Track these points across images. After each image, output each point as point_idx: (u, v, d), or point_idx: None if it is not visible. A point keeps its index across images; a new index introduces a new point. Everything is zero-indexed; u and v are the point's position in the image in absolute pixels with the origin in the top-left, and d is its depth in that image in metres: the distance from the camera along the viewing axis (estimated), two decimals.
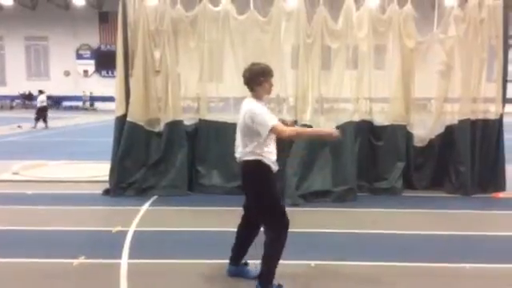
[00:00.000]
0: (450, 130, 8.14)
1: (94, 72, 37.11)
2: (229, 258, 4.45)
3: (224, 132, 7.87)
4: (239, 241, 4.39)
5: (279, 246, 3.97)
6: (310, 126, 7.61)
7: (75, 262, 4.77)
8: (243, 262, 4.44)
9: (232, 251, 4.43)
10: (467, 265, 4.79)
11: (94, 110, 35.37)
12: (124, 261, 4.85)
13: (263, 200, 4.02)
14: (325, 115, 8.07)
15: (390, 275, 4.61)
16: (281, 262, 4.42)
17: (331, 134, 4.22)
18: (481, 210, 7.22)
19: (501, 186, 7.95)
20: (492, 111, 8.01)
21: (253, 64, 4.16)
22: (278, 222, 3.99)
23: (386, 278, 4.52)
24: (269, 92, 4.21)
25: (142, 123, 7.86)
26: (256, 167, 4.00)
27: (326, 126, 7.87)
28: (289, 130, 4.04)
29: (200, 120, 8.08)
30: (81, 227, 6.07)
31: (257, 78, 4.04)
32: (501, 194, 7.93)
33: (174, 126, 7.90)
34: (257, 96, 4.08)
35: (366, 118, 8.06)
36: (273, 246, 3.97)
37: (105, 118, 25.37)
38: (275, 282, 4.02)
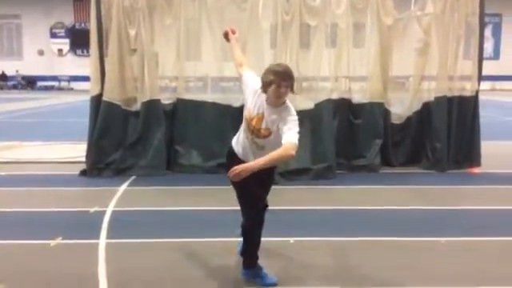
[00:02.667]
0: (426, 107, 8.22)
1: (69, 51, 36.35)
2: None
3: (202, 111, 7.83)
4: None
5: (249, 232, 3.88)
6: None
7: (52, 242, 4.71)
8: None
9: None
10: (442, 238, 4.88)
11: (71, 89, 34.75)
12: (102, 241, 4.81)
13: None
14: (303, 94, 8.06)
15: (366, 249, 4.67)
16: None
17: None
18: (456, 185, 7.36)
19: (476, 162, 8.10)
20: (468, 88, 8.11)
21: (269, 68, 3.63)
22: (250, 208, 3.85)
23: (363, 252, 4.58)
24: (278, 99, 3.61)
25: (118, 102, 7.73)
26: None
27: (305, 104, 7.89)
28: None
29: (178, 99, 7.99)
30: (58, 208, 5.98)
31: (267, 84, 3.61)
32: (476, 170, 8.09)
33: (152, 105, 7.80)
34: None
35: (345, 96, 8.08)
36: (244, 231, 3.92)
37: (81, 98, 24.97)
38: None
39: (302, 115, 7.57)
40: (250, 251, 3.94)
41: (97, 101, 7.68)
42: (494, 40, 36.32)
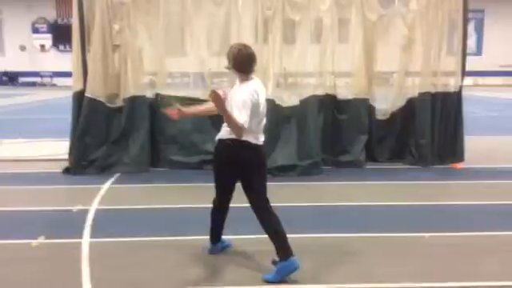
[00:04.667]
0: (410, 103, 8.26)
1: (52, 46, 35.84)
2: (210, 238, 4.34)
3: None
4: (217, 225, 4.27)
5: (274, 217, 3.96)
6: (273, 101, 7.52)
7: (34, 242, 4.63)
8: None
9: (212, 235, 4.31)
10: (426, 234, 4.90)
11: (53, 85, 34.30)
12: (85, 240, 4.74)
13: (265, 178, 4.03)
14: (288, 90, 8.05)
15: (353, 246, 4.67)
16: (251, 236, 4.45)
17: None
18: (440, 181, 7.42)
19: (459, 157, 8.17)
20: (452, 84, 8.16)
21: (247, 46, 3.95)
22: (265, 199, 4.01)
23: (349, 249, 4.58)
24: None
25: (101, 99, 7.63)
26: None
27: (290, 100, 7.87)
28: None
29: (159, 95, 7.91)
30: (40, 207, 5.89)
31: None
32: (459, 165, 8.15)
33: (135, 101, 7.72)
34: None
35: (330, 92, 8.07)
36: (270, 221, 3.94)
37: (64, 94, 24.64)
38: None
39: (288, 111, 7.72)
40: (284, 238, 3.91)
41: (79, 97, 7.58)
42: (477, 36, 36.66)
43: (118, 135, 7.68)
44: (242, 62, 3.85)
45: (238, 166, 3.88)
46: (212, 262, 4.23)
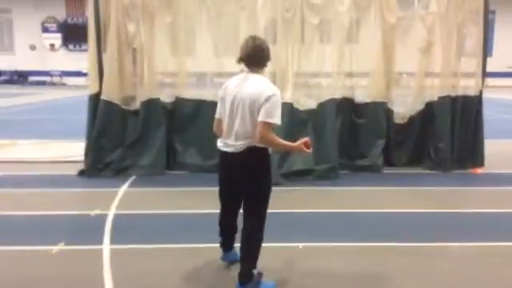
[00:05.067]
0: (429, 106, 8.13)
1: (61, 46, 35.89)
2: (222, 246, 4.21)
3: (202, 110, 7.68)
4: (227, 232, 4.13)
5: (260, 242, 3.75)
6: (291, 104, 7.47)
7: (55, 248, 4.57)
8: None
9: (223, 242, 4.18)
10: (455, 244, 4.79)
11: (63, 84, 34.38)
12: (106, 246, 4.67)
13: (261, 195, 3.72)
14: (306, 92, 7.95)
15: (377, 255, 4.57)
16: (267, 245, 4.33)
17: (302, 150, 3.61)
18: (461, 187, 7.28)
19: (479, 162, 8.03)
20: (472, 87, 8.03)
21: (261, 39, 3.69)
22: (263, 216, 3.76)
23: (374, 259, 4.48)
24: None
25: (117, 101, 7.57)
26: (265, 156, 3.64)
27: (307, 103, 7.78)
28: (273, 139, 3.48)
29: (177, 98, 7.85)
30: (58, 211, 5.83)
31: (268, 57, 3.66)
32: (479, 170, 8.02)
33: (151, 104, 7.65)
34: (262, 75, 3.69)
35: (348, 95, 7.97)
36: (254, 242, 3.72)
37: (74, 93, 24.68)
38: (255, 271, 3.76)
39: (305, 115, 7.63)
40: (256, 261, 3.74)
41: (95, 99, 7.52)
42: (488, 37, 36.39)
43: (134, 138, 7.62)
44: None
45: None
46: (231, 271, 4.14)
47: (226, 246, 4.19)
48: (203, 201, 6.10)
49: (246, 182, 3.67)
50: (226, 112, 3.65)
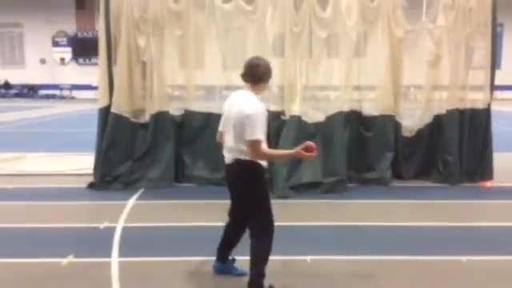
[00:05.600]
0: (438, 119, 8.12)
1: (71, 60, 36.29)
2: (216, 254, 4.30)
3: (210, 123, 7.70)
4: (226, 239, 4.23)
5: (267, 251, 3.81)
6: (299, 117, 7.52)
7: (64, 261, 4.59)
8: (231, 258, 4.30)
9: (219, 249, 4.28)
10: (463, 257, 4.75)
11: (72, 98, 34.69)
12: (114, 259, 4.69)
13: (256, 201, 3.81)
14: (313, 106, 7.98)
15: (379, 270, 4.52)
16: (276, 258, 4.33)
17: (304, 155, 3.67)
18: (470, 200, 7.25)
19: (488, 175, 7.98)
20: (480, 100, 8.01)
21: (260, 59, 3.90)
22: (266, 227, 3.82)
23: (383, 272, 4.44)
24: (265, 90, 4.05)
25: (126, 114, 7.64)
26: (251, 168, 3.75)
27: (315, 116, 7.80)
28: (264, 152, 3.68)
29: (186, 111, 7.91)
30: (67, 224, 5.87)
31: (266, 75, 3.82)
32: (488, 183, 7.97)
33: (160, 117, 7.71)
34: (256, 92, 3.82)
35: (356, 108, 7.99)
36: (259, 251, 3.80)
37: (83, 106, 24.88)
38: (266, 283, 3.83)
39: (313, 128, 7.64)
40: (261, 269, 3.80)
41: (105, 113, 7.59)
42: (496, 49, 36.29)
43: (143, 151, 7.67)
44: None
45: None
46: (240, 281, 4.13)
47: (219, 253, 4.27)
48: (211, 213, 6.10)
49: (237, 191, 3.92)
50: (224, 126, 3.92)
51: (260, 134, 3.61)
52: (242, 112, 3.65)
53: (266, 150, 3.75)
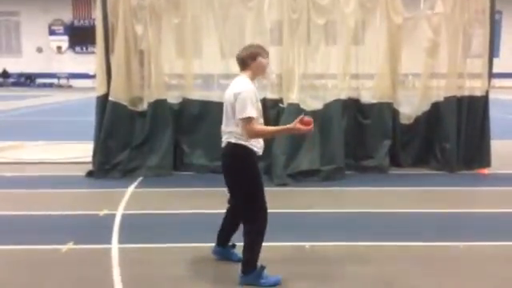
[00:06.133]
0: (435, 107, 8.14)
1: (68, 48, 36.15)
2: (216, 239, 4.35)
3: (208, 111, 7.73)
4: (225, 224, 4.28)
5: (259, 236, 3.82)
6: (297, 105, 7.53)
7: (64, 248, 4.62)
8: (230, 243, 4.34)
9: (218, 234, 4.33)
10: (460, 243, 4.79)
11: (69, 86, 34.61)
12: (114, 246, 4.72)
13: (246, 188, 3.81)
14: (311, 93, 7.98)
15: (383, 255, 4.57)
16: (274, 244, 4.38)
17: (299, 129, 3.66)
18: (468, 187, 7.29)
19: (486, 163, 8.02)
20: (478, 87, 8.02)
21: (249, 45, 3.99)
22: (257, 212, 3.80)
23: (380, 258, 4.48)
24: (263, 71, 3.99)
25: (124, 102, 7.64)
26: (241, 151, 3.76)
27: (313, 104, 7.81)
28: (257, 130, 3.69)
29: (184, 99, 7.91)
30: (66, 211, 5.89)
31: (249, 58, 3.82)
32: (486, 171, 8.01)
33: (158, 105, 7.71)
34: (250, 75, 3.84)
35: (353, 95, 8.00)
36: (252, 236, 3.82)
37: (80, 95, 24.83)
38: (258, 263, 3.88)
39: (311, 115, 7.63)
40: (255, 254, 3.84)
41: (103, 101, 7.59)
42: (494, 37, 36.22)
43: (141, 139, 7.68)
44: None
45: None
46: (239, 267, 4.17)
47: (218, 238, 4.32)
48: (210, 201, 6.15)
49: (228, 174, 3.90)
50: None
51: (251, 111, 3.61)
52: (232, 93, 3.71)
53: (261, 127, 3.79)
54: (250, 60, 3.84)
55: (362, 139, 8.03)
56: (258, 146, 3.82)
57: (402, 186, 7.21)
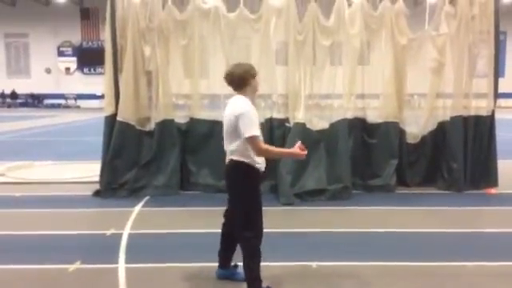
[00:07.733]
0: (442, 126, 8.15)
1: (76, 69, 36.58)
2: (218, 261, 4.36)
3: (215, 130, 7.76)
4: (224, 245, 4.30)
5: (254, 257, 3.85)
6: (303, 124, 7.57)
7: (71, 267, 4.63)
8: (233, 264, 4.34)
9: (219, 255, 4.34)
10: (468, 263, 4.76)
11: (77, 107, 34.92)
12: (121, 265, 4.73)
13: (245, 206, 3.85)
14: (317, 113, 8.02)
15: (391, 275, 4.55)
16: (281, 264, 4.37)
17: (299, 154, 3.85)
18: (475, 207, 7.24)
19: (493, 182, 7.99)
20: (484, 107, 8.04)
21: (238, 64, 4.00)
22: (251, 232, 3.83)
23: (387, 279, 4.46)
24: (256, 91, 4.06)
25: (132, 122, 7.72)
26: (242, 169, 3.81)
27: (319, 123, 7.85)
28: (264, 148, 3.81)
29: (191, 119, 7.98)
30: (74, 231, 5.91)
31: (246, 78, 3.88)
32: (493, 190, 7.97)
33: (166, 125, 7.78)
34: (246, 95, 3.91)
35: (359, 115, 8.04)
36: (247, 253, 3.86)
37: (88, 116, 25.03)
38: (263, 285, 3.89)
39: (318, 135, 7.69)
40: (256, 271, 3.85)
41: (111, 120, 7.66)
42: (499, 57, 36.29)
43: (148, 158, 7.73)
44: None
45: None
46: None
47: (220, 259, 4.34)
48: (216, 220, 6.10)
49: (229, 190, 3.98)
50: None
51: (256, 130, 3.73)
52: (233, 113, 3.76)
53: (268, 146, 3.94)
54: (241, 83, 3.90)
55: (369, 158, 8.04)
56: (259, 161, 3.86)
57: (409, 206, 7.18)
